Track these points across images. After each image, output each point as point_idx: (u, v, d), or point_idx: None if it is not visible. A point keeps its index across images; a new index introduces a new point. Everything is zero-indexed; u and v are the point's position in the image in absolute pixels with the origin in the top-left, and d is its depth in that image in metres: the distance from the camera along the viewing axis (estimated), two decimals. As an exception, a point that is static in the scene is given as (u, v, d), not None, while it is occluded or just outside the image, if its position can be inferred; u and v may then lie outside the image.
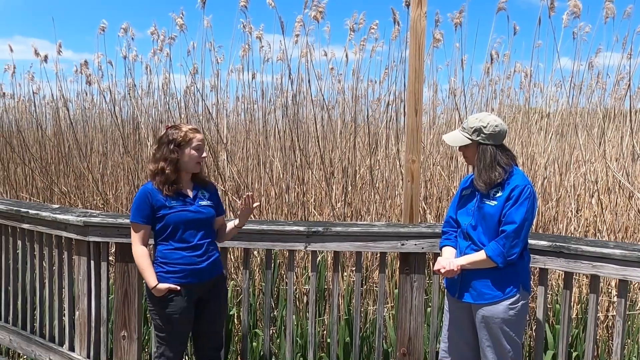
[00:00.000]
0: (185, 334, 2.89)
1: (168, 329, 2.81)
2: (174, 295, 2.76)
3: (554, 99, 6.03)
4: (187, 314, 2.82)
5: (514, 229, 2.54)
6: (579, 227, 4.78)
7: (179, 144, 2.76)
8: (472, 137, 2.64)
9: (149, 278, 2.76)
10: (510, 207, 2.56)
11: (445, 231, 2.86)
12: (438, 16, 5.54)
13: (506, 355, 2.63)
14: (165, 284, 2.75)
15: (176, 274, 2.76)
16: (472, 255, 2.62)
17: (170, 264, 2.77)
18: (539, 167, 5.15)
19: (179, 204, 2.77)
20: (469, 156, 2.71)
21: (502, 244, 2.55)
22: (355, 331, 3.37)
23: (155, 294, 2.76)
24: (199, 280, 2.80)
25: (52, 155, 7.36)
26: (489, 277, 2.61)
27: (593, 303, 2.83)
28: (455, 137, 2.70)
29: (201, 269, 2.80)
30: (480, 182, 2.63)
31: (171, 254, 2.77)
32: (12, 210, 3.88)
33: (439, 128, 6.41)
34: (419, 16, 3.36)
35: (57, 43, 6.97)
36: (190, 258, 2.78)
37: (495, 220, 2.59)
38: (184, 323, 2.82)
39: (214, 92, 6.49)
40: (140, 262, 2.79)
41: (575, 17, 5.12)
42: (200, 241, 2.81)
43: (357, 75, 5.88)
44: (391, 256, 4.54)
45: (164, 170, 2.75)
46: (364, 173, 5.56)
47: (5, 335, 4.04)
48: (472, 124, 2.65)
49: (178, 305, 2.77)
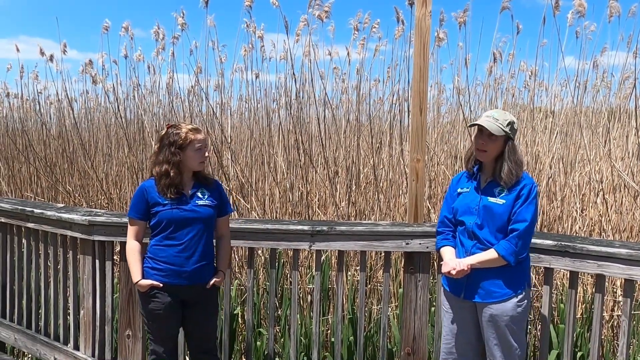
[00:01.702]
0: (171, 331, 2.89)
1: (153, 325, 2.85)
2: (157, 292, 2.78)
3: (558, 98, 6.02)
4: (172, 312, 2.81)
5: (526, 227, 2.54)
6: (584, 226, 4.77)
7: (180, 146, 2.76)
8: (507, 129, 2.58)
9: (132, 273, 2.83)
10: (520, 205, 2.56)
11: (441, 231, 2.83)
12: (442, 15, 5.54)
13: (513, 353, 2.63)
14: (148, 281, 2.77)
15: (160, 272, 2.78)
16: (482, 255, 2.60)
17: (157, 260, 2.79)
18: (543, 166, 5.13)
19: (173, 202, 2.77)
20: (492, 149, 2.60)
21: (514, 243, 2.54)
22: (359, 330, 3.36)
23: (139, 290, 2.81)
24: (183, 282, 2.79)
25: (56, 155, 7.38)
26: (497, 275, 2.60)
27: (598, 303, 2.82)
28: (491, 126, 2.57)
29: (186, 272, 2.78)
30: (513, 177, 2.57)
31: (159, 251, 2.79)
32: (17, 210, 3.89)
33: (443, 127, 6.40)
34: (424, 15, 3.35)
35: (62, 43, 7.01)
36: (175, 258, 2.77)
37: (504, 219, 2.58)
38: (168, 319, 2.83)
39: (218, 92, 6.50)
40: (128, 256, 2.86)
41: (580, 16, 5.11)
42: (191, 241, 2.79)
43: (361, 74, 5.88)
44: (395, 255, 4.53)
45: (168, 173, 2.76)
46: (368, 172, 5.56)
47: (10, 334, 4.05)
48: (505, 117, 2.60)
49: (161, 302, 2.78)
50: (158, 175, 2.79)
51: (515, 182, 2.60)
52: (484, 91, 6.12)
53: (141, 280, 2.79)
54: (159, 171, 2.78)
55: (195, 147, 2.78)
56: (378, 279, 4.71)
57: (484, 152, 2.63)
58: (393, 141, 5.75)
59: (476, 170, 2.73)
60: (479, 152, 2.65)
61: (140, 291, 2.81)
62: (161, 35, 6.51)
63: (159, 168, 2.78)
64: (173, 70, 6.68)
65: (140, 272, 2.80)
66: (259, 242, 3.36)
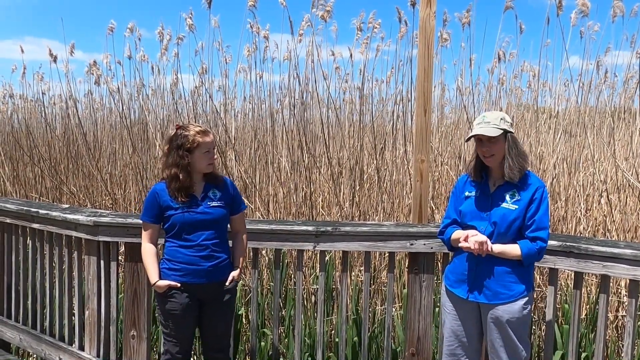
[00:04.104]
0: (188, 332, 2.90)
1: (170, 326, 2.86)
2: (175, 292, 2.80)
3: (562, 98, 6.01)
4: (189, 312, 2.83)
5: (547, 234, 2.57)
6: (588, 226, 4.76)
7: (189, 149, 2.77)
8: (502, 126, 2.56)
9: (150, 275, 2.85)
10: (535, 209, 2.55)
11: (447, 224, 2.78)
12: (446, 16, 5.54)
13: (519, 354, 2.63)
14: (166, 281, 2.80)
15: (178, 272, 2.80)
16: (506, 247, 2.57)
17: (174, 261, 2.82)
18: (547, 167, 5.13)
19: (185, 205, 2.79)
20: (497, 151, 2.58)
21: (537, 250, 2.55)
22: (363, 331, 3.37)
23: (156, 291, 2.83)
24: (200, 280, 2.81)
25: (61, 155, 7.40)
26: (504, 276, 2.59)
27: (603, 303, 2.81)
28: (487, 130, 2.56)
29: (203, 270, 2.81)
30: (516, 171, 2.56)
31: (175, 252, 2.82)
32: (22, 210, 3.91)
33: (446, 127, 6.40)
34: (428, 15, 3.35)
35: (70, 44, 7.02)
36: (192, 257, 2.79)
37: (517, 224, 2.56)
38: (185, 320, 2.84)
39: (222, 92, 6.51)
40: (144, 258, 2.88)
41: (583, 16, 5.10)
42: (205, 242, 2.81)
43: (364, 75, 5.88)
44: (399, 256, 4.54)
45: (177, 176, 2.77)
46: (372, 173, 5.56)
47: (16, 335, 4.07)
48: (495, 116, 2.60)
49: (178, 303, 2.80)
50: (168, 178, 2.81)
51: (524, 182, 2.59)
52: (487, 91, 6.11)
53: (159, 281, 2.81)
54: (168, 174, 2.81)
55: (203, 149, 2.79)
56: (382, 279, 4.71)
57: (491, 157, 2.61)
58: (397, 141, 5.76)
59: (485, 175, 2.70)
60: (486, 159, 2.62)
61: (158, 292, 2.83)
62: (167, 36, 6.53)
63: (169, 171, 2.80)
64: (178, 71, 6.70)
65: (157, 274, 2.83)
66: (263, 242, 3.37)
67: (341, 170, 5.58)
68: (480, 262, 2.61)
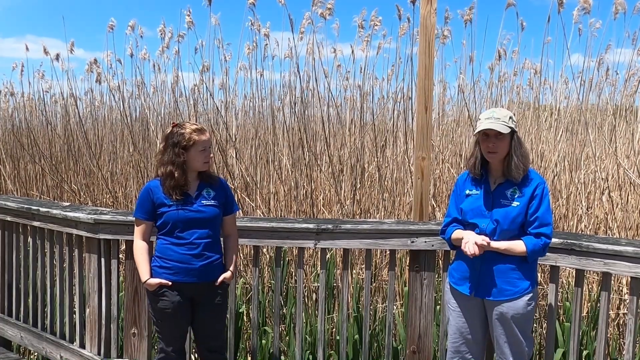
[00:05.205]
0: (180, 330, 2.90)
1: (162, 324, 2.85)
2: (166, 291, 2.79)
3: (563, 96, 6.00)
4: (181, 310, 2.82)
5: (551, 230, 2.57)
6: (590, 224, 4.75)
7: (185, 147, 2.76)
8: (509, 124, 2.56)
9: (141, 273, 2.83)
10: (537, 206, 2.56)
11: (449, 222, 2.79)
12: (448, 13, 5.53)
13: (523, 350, 2.64)
14: (157, 279, 2.78)
15: (169, 270, 2.79)
16: (511, 244, 2.57)
17: (165, 259, 2.80)
18: (549, 164, 5.12)
19: (179, 203, 2.78)
20: (502, 148, 2.57)
21: (542, 246, 2.55)
22: (364, 329, 3.36)
23: (147, 289, 2.82)
24: (192, 279, 2.80)
25: (62, 154, 7.40)
26: (509, 273, 2.59)
27: (604, 301, 2.81)
28: (498, 126, 2.55)
29: (194, 269, 2.79)
30: (520, 170, 2.56)
31: (167, 249, 2.80)
32: (23, 208, 3.91)
33: (447, 125, 6.39)
34: (429, 13, 3.34)
35: (70, 42, 7.02)
36: (183, 256, 2.78)
37: (519, 221, 2.57)
38: (177, 318, 2.83)
39: (223, 90, 6.50)
40: (136, 256, 2.87)
41: (585, 13, 5.09)
42: (198, 240, 2.80)
43: (365, 72, 5.87)
44: (401, 254, 4.53)
45: (172, 174, 2.76)
46: (373, 171, 5.55)
47: (17, 333, 4.07)
48: (504, 114, 2.59)
49: (170, 301, 2.79)
50: (163, 176, 2.80)
51: (525, 179, 2.59)
52: (488, 89, 6.10)
53: (150, 279, 2.79)
54: (163, 172, 2.79)
55: (199, 148, 2.78)
56: (383, 277, 4.71)
57: (495, 154, 2.60)
58: (397, 139, 5.75)
59: (484, 172, 2.70)
60: (489, 155, 2.61)
61: (149, 290, 2.82)
62: (168, 33, 6.52)
63: (164, 169, 2.79)
64: (178, 69, 6.69)
65: (148, 271, 2.81)
66: (264, 240, 3.37)
67: (342, 168, 5.57)
68: (485, 259, 2.61)
